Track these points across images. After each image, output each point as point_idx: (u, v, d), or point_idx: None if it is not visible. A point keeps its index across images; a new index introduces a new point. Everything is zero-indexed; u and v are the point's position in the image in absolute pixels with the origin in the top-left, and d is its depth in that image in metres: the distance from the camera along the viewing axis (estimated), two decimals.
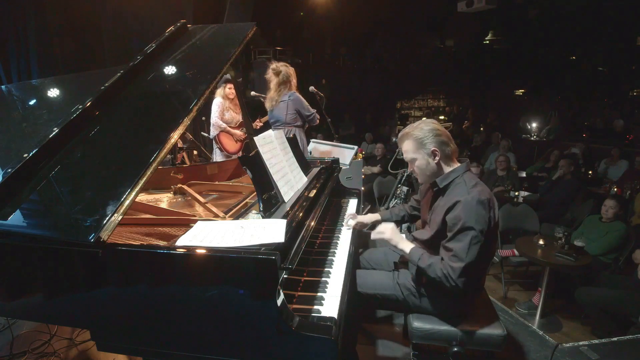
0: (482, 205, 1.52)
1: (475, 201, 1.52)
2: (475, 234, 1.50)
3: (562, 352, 2.14)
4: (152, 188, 2.19)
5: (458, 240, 1.53)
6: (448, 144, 1.67)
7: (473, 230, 1.50)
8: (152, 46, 1.95)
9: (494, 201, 1.60)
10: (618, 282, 2.90)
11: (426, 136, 1.65)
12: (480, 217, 1.51)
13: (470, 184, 1.60)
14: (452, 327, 1.66)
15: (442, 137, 1.66)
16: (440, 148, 1.65)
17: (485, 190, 1.59)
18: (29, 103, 1.99)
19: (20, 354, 2.17)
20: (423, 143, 1.66)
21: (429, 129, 1.66)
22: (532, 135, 8.65)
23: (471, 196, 1.53)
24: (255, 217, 1.58)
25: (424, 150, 1.66)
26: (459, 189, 1.61)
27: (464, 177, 1.64)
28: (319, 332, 1.13)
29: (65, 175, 1.41)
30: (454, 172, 1.67)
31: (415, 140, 1.67)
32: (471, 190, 1.56)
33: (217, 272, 1.16)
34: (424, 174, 1.72)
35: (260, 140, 1.75)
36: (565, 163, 4.55)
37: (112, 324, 1.26)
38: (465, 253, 1.50)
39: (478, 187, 1.59)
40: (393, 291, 1.77)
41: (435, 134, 1.65)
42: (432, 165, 1.67)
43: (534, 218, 3.72)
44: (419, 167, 1.71)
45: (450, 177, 1.66)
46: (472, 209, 1.51)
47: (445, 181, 1.67)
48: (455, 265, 1.51)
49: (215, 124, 3.97)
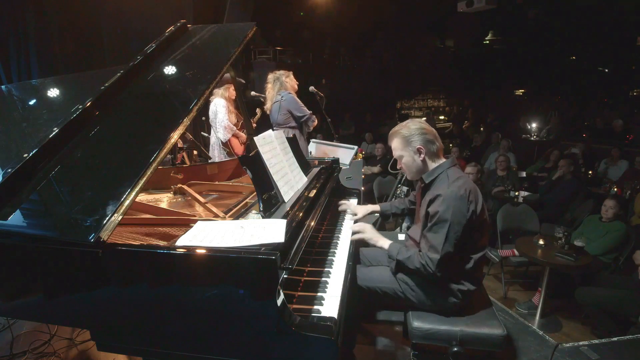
0: (460, 199, 1.58)
1: (454, 195, 1.59)
2: (452, 226, 1.57)
3: (562, 352, 2.14)
4: (152, 188, 2.19)
5: (435, 231, 1.61)
6: (434, 142, 1.75)
7: (449, 223, 1.57)
8: (152, 46, 1.95)
9: (476, 194, 1.66)
10: (618, 282, 2.90)
11: (412, 134, 1.74)
12: (457, 210, 1.57)
13: (452, 178, 1.68)
14: (452, 327, 1.66)
15: (427, 136, 1.74)
16: (425, 146, 1.73)
17: (466, 183, 1.65)
18: (29, 103, 1.99)
19: (20, 354, 2.17)
20: (409, 141, 1.74)
21: (415, 127, 1.74)
22: (532, 135, 8.65)
23: (450, 190, 1.61)
24: (255, 217, 1.59)
25: (410, 147, 1.75)
26: (441, 183, 1.70)
27: (448, 172, 1.72)
28: (319, 332, 1.13)
29: (65, 175, 1.41)
30: (439, 168, 1.75)
31: (402, 138, 1.76)
32: (452, 185, 1.64)
33: (217, 272, 1.16)
34: (411, 170, 1.81)
35: (260, 140, 1.75)
36: (565, 163, 4.55)
37: (112, 324, 1.26)
38: (442, 245, 1.58)
39: (459, 181, 1.65)
40: (392, 285, 1.80)
41: (421, 132, 1.73)
42: (418, 162, 1.76)
43: (534, 218, 3.72)
44: (406, 163, 1.80)
45: (435, 173, 1.75)
46: (449, 201, 1.58)
47: (431, 177, 1.76)
48: (433, 256, 1.60)
49: (228, 127, 3.88)
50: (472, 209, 1.61)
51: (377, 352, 2.28)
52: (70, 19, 5.95)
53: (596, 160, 6.20)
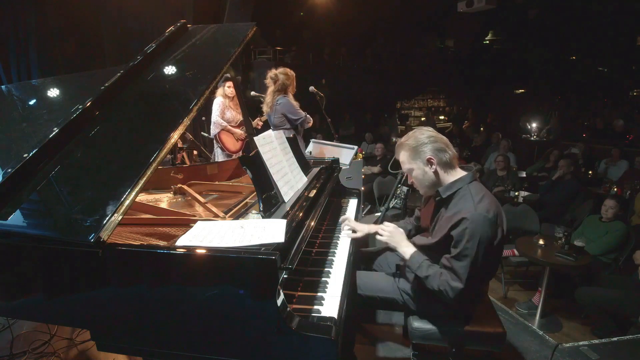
0: (488, 224, 1.43)
1: (482, 218, 1.43)
2: (478, 255, 1.43)
3: (562, 352, 2.14)
4: (152, 188, 2.19)
5: (459, 260, 1.46)
6: (445, 150, 1.56)
7: (476, 250, 1.43)
8: (152, 46, 1.95)
9: (502, 216, 1.52)
10: (618, 282, 2.90)
11: (420, 144, 1.56)
12: (484, 237, 1.43)
13: (476, 196, 1.50)
14: (452, 327, 1.66)
15: (437, 144, 1.56)
16: (436, 155, 1.55)
17: (492, 204, 1.50)
18: (29, 103, 1.99)
19: (20, 354, 2.17)
20: (418, 151, 1.57)
21: (423, 136, 1.57)
22: (532, 135, 8.65)
23: (478, 212, 1.44)
24: (255, 217, 1.58)
25: (419, 159, 1.57)
26: (465, 202, 1.50)
27: (470, 188, 1.53)
28: (319, 332, 1.13)
29: (65, 175, 1.41)
30: (459, 182, 1.56)
31: (410, 149, 1.59)
32: (478, 206, 1.46)
33: (217, 272, 1.16)
34: (423, 184, 1.63)
35: (260, 140, 1.75)
36: (565, 163, 4.55)
37: (112, 324, 1.26)
38: (466, 274, 1.45)
39: (485, 201, 1.48)
40: (393, 295, 1.75)
41: (430, 140, 1.56)
42: (430, 174, 1.58)
43: (534, 218, 3.73)
44: (416, 177, 1.62)
45: (454, 187, 1.56)
46: (477, 227, 1.42)
47: (449, 191, 1.57)
48: (454, 284, 1.48)
49: (216, 122, 4.01)
50: (500, 234, 1.48)
51: (377, 352, 2.28)
52: (70, 19, 5.96)
53: (596, 160, 6.21)
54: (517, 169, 5.63)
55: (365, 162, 6.00)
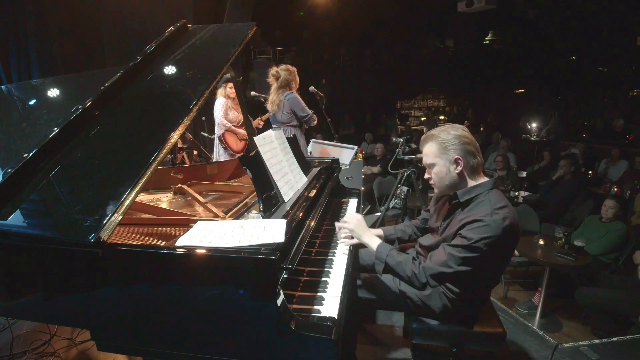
0: (502, 231, 1.37)
1: (496, 225, 1.37)
2: (480, 258, 1.39)
3: (562, 352, 2.14)
4: (152, 188, 2.19)
5: (458, 252, 1.43)
6: (475, 155, 1.50)
7: (478, 254, 1.38)
8: (152, 46, 1.95)
9: (517, 227, 1.44)
10: (618, 282, 2.90)
11: (451, 141, 1.49)
12: (493, 244, 1.37)
13: (495, 204, 1.43)
14: (452, 327, 1.66)
15: (469, 147, 1.49)
16: (465, 157, 1.49)
17: (510, 213, 1.43)
18: (29, 103, 1.99)
19: (20, 354, 2.16)
20: (447, 148, 1.49)
21: (456, 134, 1.50)
22: (532, 135, 8.66)
23: (493, 218, 1.38)
24: (255, 217, 1.58)
25: (446, 156, 1.50)
26: (482, 206, 1.45)
27: (490, 195, 1.47)
28: (319, 332, 1.12)
29: (65, 175, 1.41)
30: (480, 187, 1.50)
31: (439, 143, 1.51)
32: (495, 212, 1.40)
33: (217, 272, 1.16)
34: (442, 183, 1.55)
35: (260, 140, 1.75)
36: (565, 163, 4.55)
37: (112, 324, 1.26)
38: (455, 265, 1.42)
39: (504, 210, 1.42)
40: (395, 298, 1.72)
41: (462, 141, 1.49)
42: (453, 174, 1.51)
43: (534, 218, 3.73)
44: (437, 174, 1.54)
45: (473, 192, 1.50)
46: (488, 232, 1.37)
47: (468, 195, 1.50)
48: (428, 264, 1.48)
49: (221, 123, 4.02)
50: (511, 244, 1.45)
51: (377, 352, 2.28)
52: (70, 19, 5.96)
53: (596, 160, 6.21)
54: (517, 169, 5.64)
55: (365, 162, 6.00)
